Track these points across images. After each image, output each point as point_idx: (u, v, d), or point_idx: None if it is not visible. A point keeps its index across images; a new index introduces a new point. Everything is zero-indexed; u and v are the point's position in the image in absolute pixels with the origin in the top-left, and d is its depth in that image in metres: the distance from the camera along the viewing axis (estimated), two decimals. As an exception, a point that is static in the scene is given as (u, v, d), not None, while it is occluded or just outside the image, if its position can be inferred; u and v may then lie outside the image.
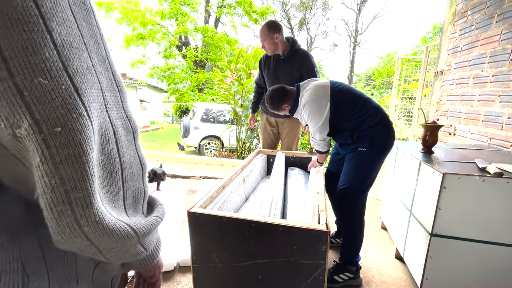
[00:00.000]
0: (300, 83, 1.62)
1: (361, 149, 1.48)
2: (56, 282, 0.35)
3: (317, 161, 1.81)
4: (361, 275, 1.55)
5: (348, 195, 1.49)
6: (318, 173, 1.72)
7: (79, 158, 0.27)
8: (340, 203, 1.55)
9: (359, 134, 1.48)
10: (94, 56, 0.32)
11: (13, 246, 0.30)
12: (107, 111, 0.33)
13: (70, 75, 0.27)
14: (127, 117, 0.37)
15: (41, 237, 0.33)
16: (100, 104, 0.32)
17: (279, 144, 2.70)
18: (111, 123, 0.33)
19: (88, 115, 0.29)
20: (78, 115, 0.27)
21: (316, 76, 2.33)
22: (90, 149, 0.29)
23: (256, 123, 3.78)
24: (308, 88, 1.54)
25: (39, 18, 0.25)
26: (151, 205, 0.43)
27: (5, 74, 0.23)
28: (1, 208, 0.31)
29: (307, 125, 1.67)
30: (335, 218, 1.93)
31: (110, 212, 0.33)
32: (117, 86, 0.36)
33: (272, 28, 2.11)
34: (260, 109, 2.61)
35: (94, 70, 0.31)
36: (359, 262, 1.56)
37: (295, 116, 1.67)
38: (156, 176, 2.72)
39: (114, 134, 0.34)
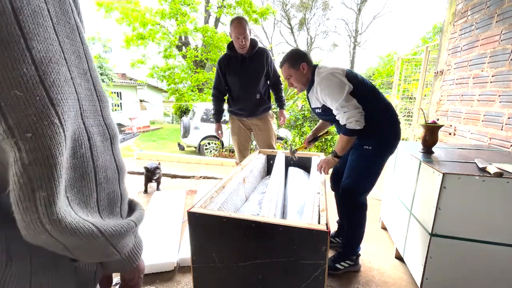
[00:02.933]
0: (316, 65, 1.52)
1: (367, 147, 1.46)
2: (39, 267, 0.38)
3: (334, 156, 1.52)
4: (360, 262, 1.65)
5: (351, 193, 1.51)
6: (318, 173, 1.72)
7: (47, 160, 0.30)
8: (343, 201, 1.59)
9: (368, 128, 1.41)
10: (74, 69, 0.35)
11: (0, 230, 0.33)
12: (82, 118, 0.37)
13: (46, 87, 0.31)
14: (105, 124, 0.40)
15: None
16: (76, 113, 0.35)
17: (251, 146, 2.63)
18: (86, 130, 0.37)
19: (60, 123, 0.32)
20: (49, 122, 0.30)
21: (275, 66, 2.37)
22: (59, 153, 0.31)
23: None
24: (324, 68, 1.47)
25: (21, 38, 0.28)
26: (132, 209, 0.45)
27: None
28: None
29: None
30: (336, 218, 1.94)
31: (77, 212, 0.35)
32: (97, 96, 0.40)
33: (246, 20, 2.06)
34: (229, 115, 2.49)
35: (73, 82, 0.35)
36: (359, 252, 1.65)
37: (309, 94, 1.57)
38: (149, 171, 2.73)
39: (89, 140, 0.37)
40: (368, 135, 1.44)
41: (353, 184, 1.49)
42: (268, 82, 2.38)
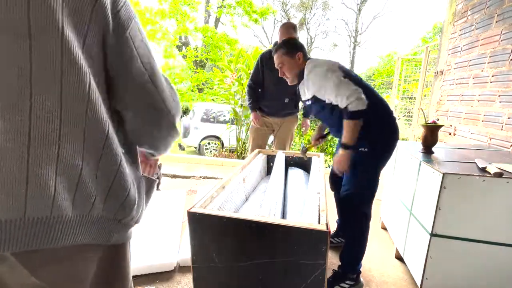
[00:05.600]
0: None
1: (362, 149, 1.35)
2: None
3: (344, 148, 1.31)
4: (362, 280, 1.48)
5: (350, 203, 1.39)
6: (318, 173, 1.72)
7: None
8: (343, 210, 1.44)
9: (362, 127, 1.31)
10: None
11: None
12: None
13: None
14: None
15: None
16: None
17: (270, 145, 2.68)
18: None
19: None
20: None
21: None
22: None
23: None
24: (315, 59, 1.44)
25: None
26: None
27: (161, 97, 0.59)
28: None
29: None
30: (336, 218, 1.93)
31: None
32: None
33: (295, 29, 2.17)
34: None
35: None
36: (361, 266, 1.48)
37: (299, 86, 1.52)
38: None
39: None
40: (363, 135, 1.31)
41: (351, 191, 1.37)
42: None
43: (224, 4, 12.46)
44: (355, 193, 1.37)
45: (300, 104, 2.56)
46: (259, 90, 2.47)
